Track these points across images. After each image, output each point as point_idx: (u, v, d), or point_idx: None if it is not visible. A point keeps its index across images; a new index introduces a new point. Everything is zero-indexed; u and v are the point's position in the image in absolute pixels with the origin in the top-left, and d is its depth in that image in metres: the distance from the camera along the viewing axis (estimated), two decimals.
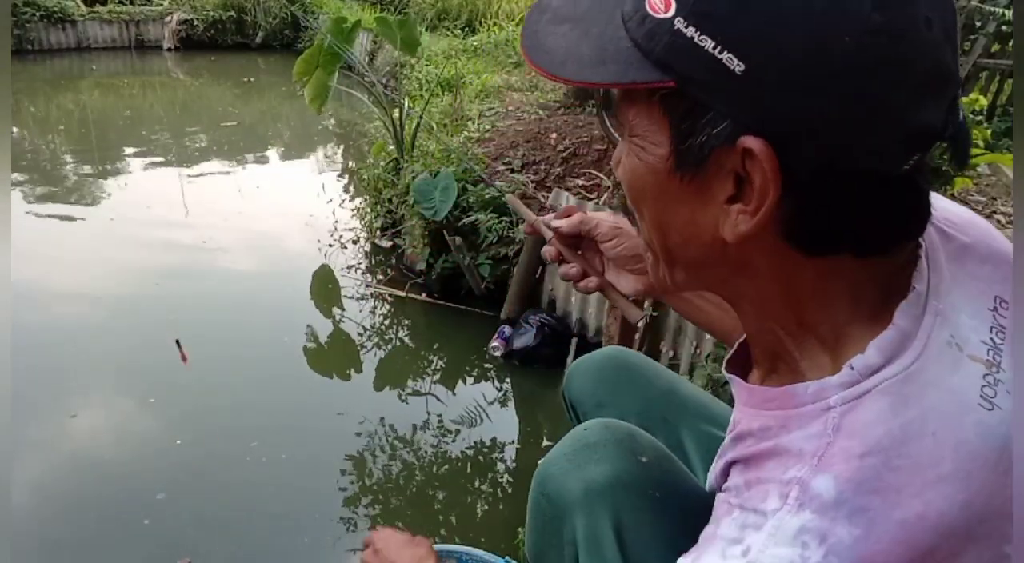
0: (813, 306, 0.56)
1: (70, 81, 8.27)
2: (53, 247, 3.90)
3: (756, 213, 0.51)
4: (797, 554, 0.48)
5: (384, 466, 2.33)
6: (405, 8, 8.26)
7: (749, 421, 0.60)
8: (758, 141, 0.49)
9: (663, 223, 0.58)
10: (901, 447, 0.49)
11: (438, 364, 3.03)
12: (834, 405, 0.52)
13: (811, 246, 0.53)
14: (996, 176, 3.11)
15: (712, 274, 0.59)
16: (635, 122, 0.56)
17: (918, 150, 0.50)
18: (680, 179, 0.54)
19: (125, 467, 2.27)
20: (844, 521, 0.48)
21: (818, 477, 0.50)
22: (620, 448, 0.82)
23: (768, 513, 0.51)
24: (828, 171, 0.49)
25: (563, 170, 3.46)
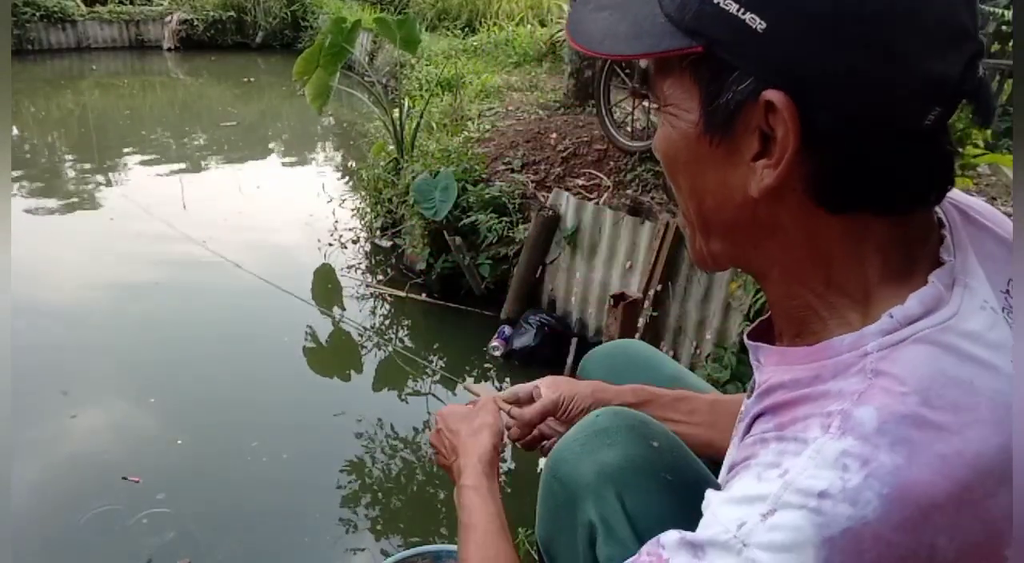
0: (842, 265, 0.57)
1: (70, 81, 8.27)
2: (53, 247, 3.90)
3: (778, 165, 0.54)
4: (837, 476, 0.49)
5: (384, 465, 2.33)
6: (405, 8, 8.26)
7: (779, 375, 0.60)
8: (778, 93, 0.52)
9: (697, 189, 0.61)
10: (940, 389, 0.50)
11: (438, 364, 3.04)
12: (871, 351, 0.54)
13: (835, 202, 0.55)
14: (996, 176, 3.11)
15: (745, 239, 0.61)
16: (669, 92, 0.60)
17: (937, 104, 0.52)
18: (710, 142, 0.58)
19: (125, 467, 2.27)
20: (886, 449, 0.49)
21: (860, 408, 0.51)
22: (632, 433, 0.82)
23: (809, 440, 0.52)
24: (849, 123, 0.52)
25: (563, 170, 3.46)
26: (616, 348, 1.20)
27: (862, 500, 0.48)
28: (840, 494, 0.48)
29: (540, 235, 3.06)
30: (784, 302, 0.63)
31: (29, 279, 3.39)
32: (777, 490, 0.51)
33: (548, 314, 3.04)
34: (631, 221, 2.80)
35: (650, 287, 2.66)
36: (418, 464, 2.34)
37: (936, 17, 0.50)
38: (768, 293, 0.65)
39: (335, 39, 3.60)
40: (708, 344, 2.56)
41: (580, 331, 3.03)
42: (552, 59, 5.92)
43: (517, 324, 3.04)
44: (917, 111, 0.52)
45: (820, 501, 0.48)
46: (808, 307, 0.60)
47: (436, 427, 1.06)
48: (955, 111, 0.53)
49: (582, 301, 3.04)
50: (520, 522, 1.99)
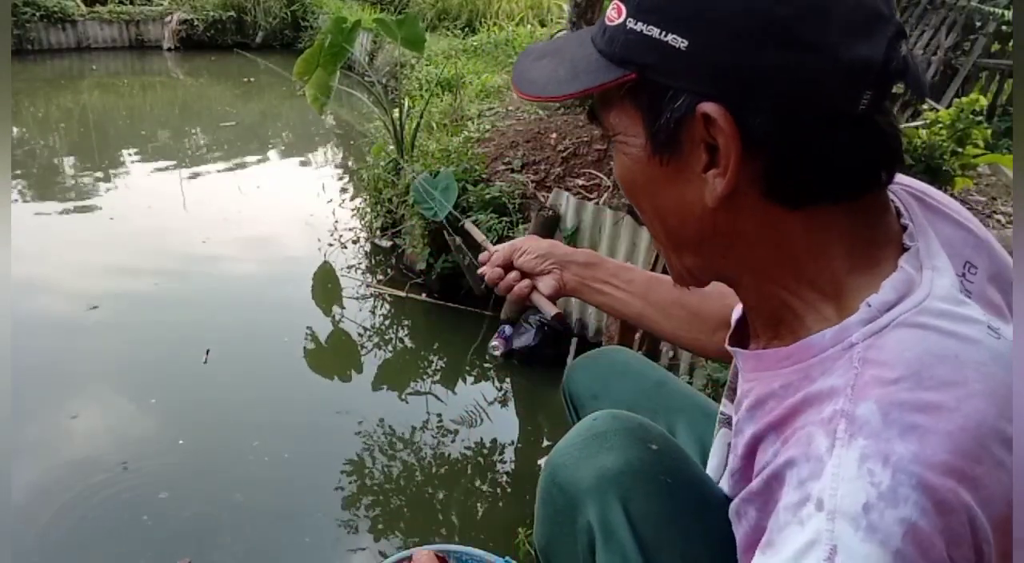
0: (808, 260, 0.59)
1: (70, 81, 8.27)
2: (53, 247, 3.90)
3: (726, 172, 0.56)
4: (867, 483, 0.49)
5: (384, 465, 2.33)
6: (405, 8, 8.26)
7: (766, 384, 0.61)
8: (712, 105, 0.55)
9: (659, 209, 0.64)
10: (929, 370, 0.51)
11: (438, 364, 3.03)
12: (856, 341, 0.55)
13: (790, 198, 0.57)
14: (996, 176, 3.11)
15: (713, 250, 0.63)
16: (615, 122, 0.63)
17: (866, 87, 0.54)
18: (660, 163, 0.60)
19: (128, 467, 2.27)
20: (898, 440, 0.49)
21: (860, 405, 0.51)
22: (630, 436, 0.82)
23: (823, 456, 0.51)
24: (784, 120, 0.54)
25: (563, 170, 3.46)
26: (600, 355, 1.20)
27: (901, 497, 0.48)
28: (881, 501, 0.48)
29: (540, 235, 3.06)
30: (759, 304, 0.65)
31: (29, 279, 3.39)
32: (825, 525, 0.50)
33: None
34: (631, 221, 2.80)
35: None
36: (418, 464, 2.35)
37: (849, 6, 0.53)
38: (743, 298, 0.67)
39: (335, 39, 3.60)
40: None
41: (580, 331, 3.04)
42: None
43: (517, 324, 3.04)
44: (848, 97, 0.54)
45: (868, 517, 0.48)
46: (783, 305, 0.62)
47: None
48: (890, 91, 0.55)
49: (582, 302, 3.04)
50: (520, 522, 1.99)
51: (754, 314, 0.68)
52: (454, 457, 2.39)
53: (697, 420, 1.07)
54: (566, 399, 1.20)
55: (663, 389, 1.11)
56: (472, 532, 2.07)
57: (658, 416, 1.09)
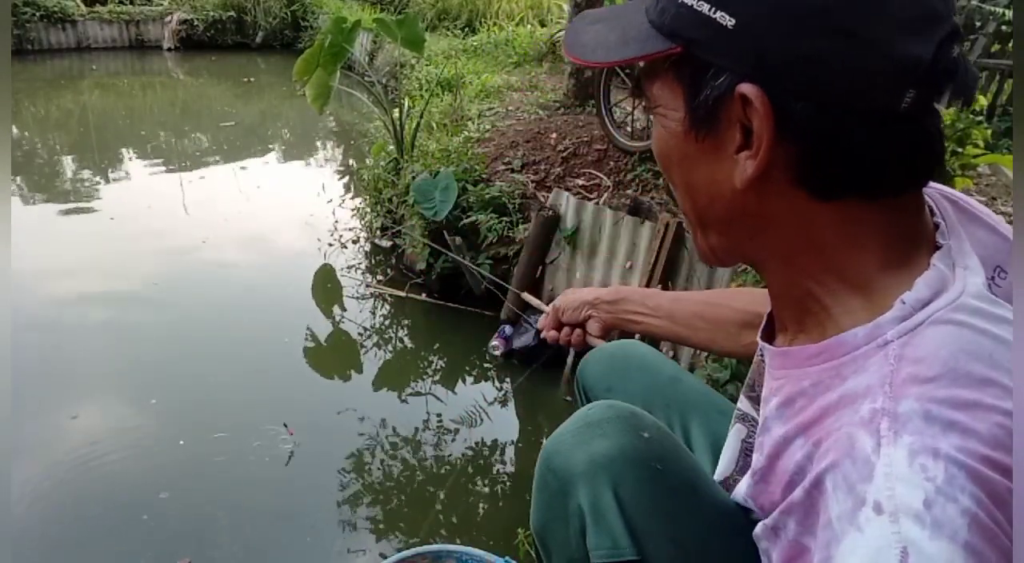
0: (838, 252, 0.58)
1: (70, 81, 8.27)
2: (53, 247, 3.90)
3: (757, 155, 0.56)
4: (922, 479, 0.48)
5: (385, 465, 2.33)
6: (405, 8, 8.26)
7: (796, 382, 0.60)
8: (751, 86, 0.54)
9: (690, 186, 0.64)
10: (964, 367, 0.51)
11: (438, 364, 3.04)
12: (891, 339, 0.54)
13: (821, 189, 0.57)
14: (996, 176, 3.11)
15: (740, 232, 0.63)
16: (657, 94, 0.63)
17: (911, 86, 0.52)
18: (696, 139, 0.60)
19: (128, 467, 2.27)
20: (941, 435, 0.49)
21: (901, 403, 0.51)
22: (623, 424, 0.83)
23: (870, 457, 0.50)
24: (824, 109, 0.54)
25: (563, 170, 3.46)
26: (617, 348, 1.21)
27: (958, 492, 0.48)
28: (940, 495, 0.48)
29: (540, 235, 3.06)
30: (785, 293, 0.64)
31: (29, 279, 3.39)
32: (889, 528, 0.48)
33: None
34: (631, 221, 2.80)
35: (650, 287, 2.66)
36: (418, 464, 2.35)
37: (903, 5, 0.52)
38: (770, 285, 0.66)
39: (335, 39, 3.60)
40: None
41: None
42: (552, 59, 5.92)
43: (517, 324, 3.04)
44: (891, 94, 0.53)
45: (932, 513, 0.47)
46: (809, 295, 0.61)
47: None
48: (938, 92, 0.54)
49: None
50: (520, 522, 1.99)
51: (780, 304, 0.67)
52: (454, 457, 2.39)
53: (711, 417, 1.07)
54: (579, 390, 1.20)
55: (678, 385, 1.11)
56: (472, 532, 2.07)
57: (672, 411, 1.09)
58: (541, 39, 6.33)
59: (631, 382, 1.12)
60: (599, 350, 1.21)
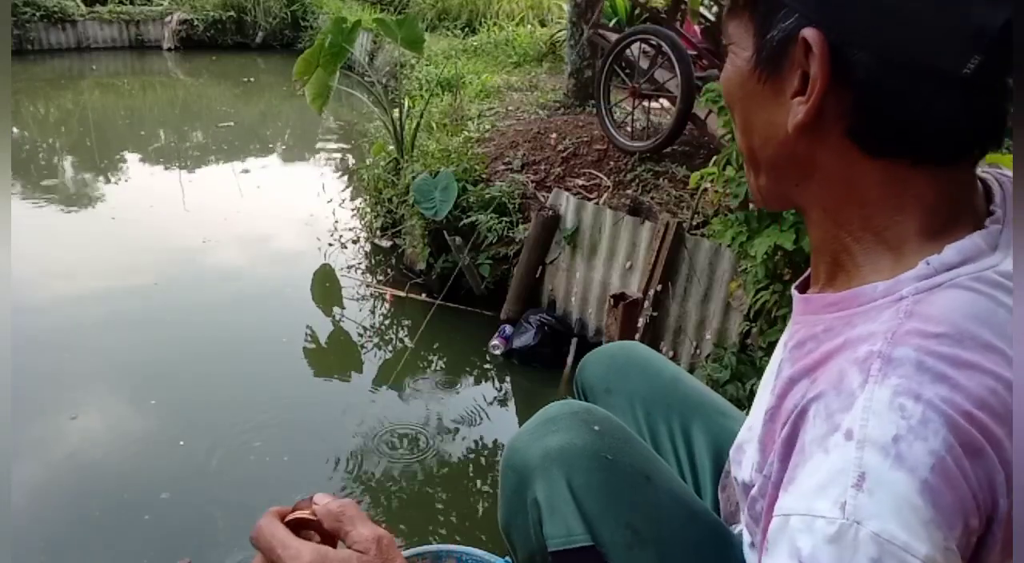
0: (879, 211, 0.59)
1: (70, 81, 8.27)
2: (54, 246, 3.90)
3: (809, 100, 0.56)
4: (899, 417, 0.50)
5: (385, 465, 2.33)
6: (405, 8, 8.25)
7: (810, 327, 0.62)
8: (813, 31, 0.54)
9: (748, 125, 0.65)
10: (972, 331, 0.52)
11: (438, 364, 3.04)
12: (907, 295, 0.55)
13: (873, 145, 0.57)
14: None
15: (787, 177, 0.64)
16: (733, 31, 0.64)
17: (976, 51, 0.52)
18: (759, 79, 0.61)
19: (129, 467, 2.27)
20: (929, 384, 0.50)
21: (897, 349, 0.52)
22: (575, 419, 0.88)
23: (854, 391, 0.52)
24: (885, 62, 0.53)
25: (563, 170, 3.46)
26: (618, 349, 1.21)
27: (930, 433, 0.49)
28: (911, 434, 0.49)
29: (540, 235, 3.07)
30: (823, 244, 0.65)
31: (30, 279, 3.39)
32: (852, 453, 0.50)
33: (548, 314, 3.04)
34: (631, 221, 2.80)
35: (650, 287, 2.66)
36: (418, 464, 2.35)
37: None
38: (811, 233, 0.67)
39: (335, 39, 3.60)
40: (708, 344, 2.57)
41: (580, 331, 3.04)
42: (552, 59, 5.92)
43: (517, 323, 3.04)
44: (956, 56, 0.52)
45: (898, 447, 0.49)
46: (844, 249, 0.62)
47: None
48: (1004, 64, 0.53)
49: (582, 301, 3.04)
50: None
51: (817, 255, 0.68)
52: (454, 457, 2.39)
53: (712, 418, 1.07)
54: (578, 391, 1.20)
55: (678, 386, 1.11)
56: (472, 532, 2.07)
57: (672, 413, 1.08)
58: (541, 39, 6.33)
59: (631, 383, 1.12)
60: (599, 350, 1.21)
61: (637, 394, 1.11)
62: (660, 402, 1.10)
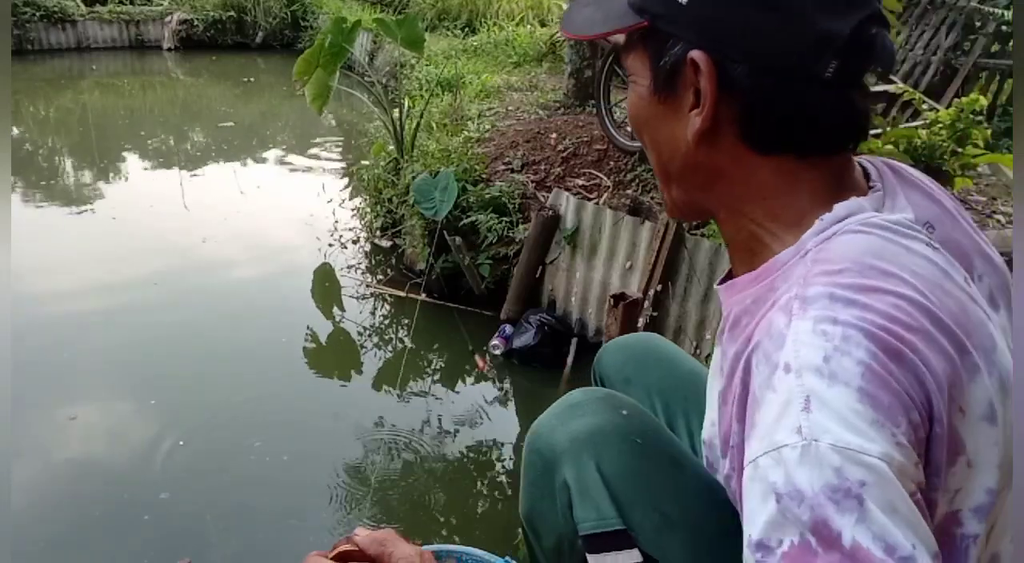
0: (776, 199, 0.68)
1: (70, 81, 8.27)
2: (55, 246, 3.90)
3: (703, 111, 0.66)
4: (823, 340, 0.57)
5: (385, 465, 2.33)
6: (405, 8, 8.25)
7: (740, 304, 0.70)
8: (699, 53, 0.65)
9: (655, 142, 0.74)
10: (870, 262, 0.60)
11: (438, 364, 3.04)
12: (810, 248, 0.64)
13: (761, 143, 0.66)
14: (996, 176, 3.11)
15: (695, 184, 0.73)
16: (631, 64, 0.74)
17: (832, 56, 0.62)
18: (659, 101, 0.71)
19: (128, 467, 2.27)
20: (842, 307, 0.58)
21: (810, 288, 0.60)
22: (602, 403, 0.89)
23: (783, 330, 0.59)
24: (759, 73, 0.64)
25: (563, 170, 3.46)
26: (636, 340, 1.22)
27: (852, 346, 0.56)
28: (836, 352, 0.56)
29: (540, 235, 3.06)
30: (735, 237, 0.74)
31: (30, 279, 3.39)
32: (794, 382, 0.56)
33: (548, 314, 3.04)
34: (631, 221, 2.80)
35: (650, 287, 2.66)
36: (418, 464, 2.35)
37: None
38: (723, 232, 0.76)
39: (335, 39, 3.60)
40: (708, 344, 2.57)
41: (580, 331, 3.04)
42: (552, 59, 5.92)
43: (518, 324, 3.04)
44: (815, 61, 0.62)
45: (829, 366, 0.55)
46: (753, 237, 0.71)
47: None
48: (858, 66, 0.64)
49: (582, 301, 3.04)
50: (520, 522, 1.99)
51: (732, 248, 0.75)
52: (454, 457, 2.39)
53: None
54: (596, 380, 1.21)
55: (696, 379, 1.10)
56: (472, 532, 2.07)
57: (690, 405, 1.09)
58: (541, 39, 6.32)
59: (650, 374, 1.13)
60: (618, 340, 1.23)
61: (655, 386, 1.12)
62: (678, 394, 1.10)
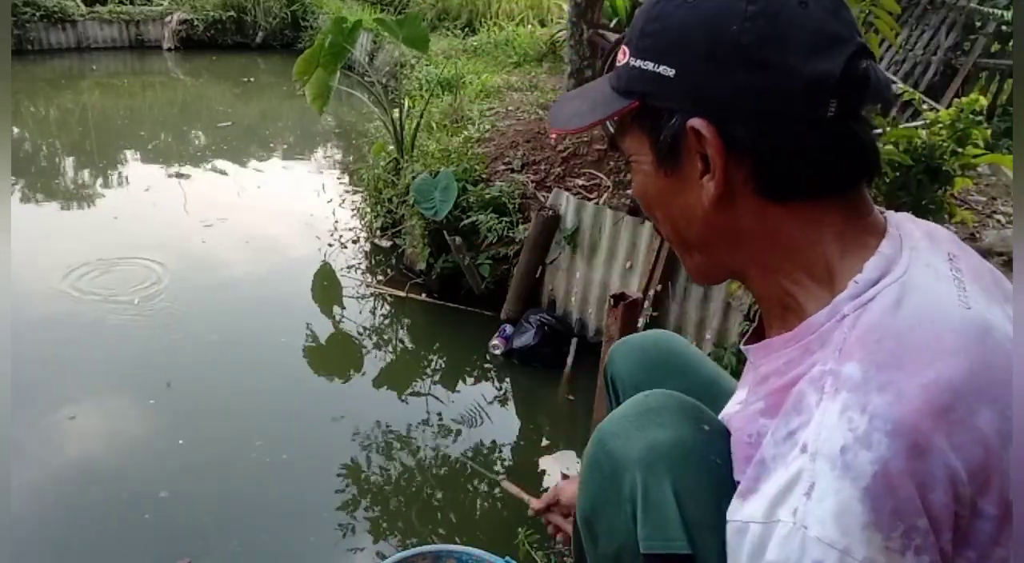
0: (804, 249, 0.68)
1: (70, 81, 8.27)
2: (55, 246, 3.90)
3: (715, 175, 0.66)
4: (846, 428, 0.56)
5: (384, 465, 2.33)
6: (405, 8, 8.25)
7: (772, 363, 0.69)
8: (699, 120, 0.65)
9: (669, 215, 0.74)
10: (908, 332, 0.60)
11: (438, 364, 3.04)
12: (848, 312, 0.63)
13: (779, 193, 0.67)
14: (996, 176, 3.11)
15: (719, 247, 0.73)
16: (629, 145, 0.74)
17: (830, 96, 0.63)
18: (666, 174, 0.71)
19: (127, 467, 2.27)
20: (875, 393, 0.57)
21: (845, 365, 0.59)
22: (684, 415, 0.83)
23: (812, 409, 0.59)
24: (761, 126, 0.64)
25: (563, 170, 3.46)
26: (651, 342, 1.14)
27: (874, 442, 0.55)
28: (856, 444, 0.55)
29: (540, 235, 3.06)
30: (766, 293, 0.73)
31: (30, 278, 3.39)
32: (806, 464, 0.57)
33: (548, 314, 3.04)
34: (631, 221, 2.80)
35: (650, 287, 2.66)
36: (418, 464, 2.35)
37: (807, 31, 0.63)
38: (753, 291, 0.75)
39: (335, 39, 3.60)
40: (708, 344, 2.56)
41: (580, 331, 3.03)
42: (552, 59, 5.92)
43: (518, 323, 3.04)
44: (814, 104, 0.63)
45: (844, 457, 0.55)
46: (786, 293, 0.70)
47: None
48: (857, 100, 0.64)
49: (582, 301, 3.04)
50: (520, 522, 1.99)
51: (764, 305, 0.75)
52: (454, 457, 2.39)
53: None
54: (607, 382, 1.16)
55: (715, 387, 1.05)
56: (472, 532, 2.07)
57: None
58: (541, 39, 6.32)
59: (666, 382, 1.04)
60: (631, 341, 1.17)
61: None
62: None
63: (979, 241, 2.49)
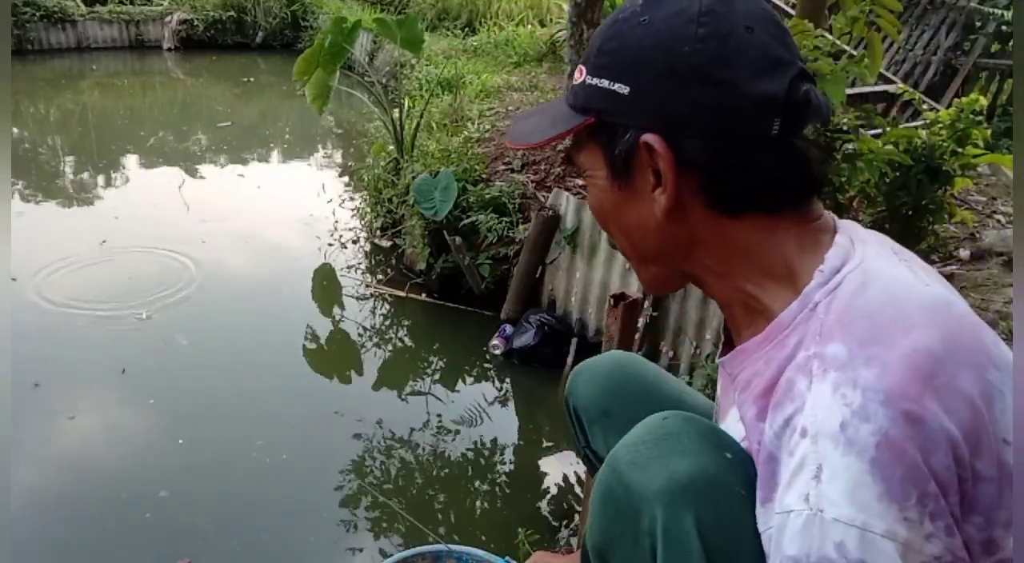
0: (762, 253, 0.70)
1: (70, 81, 8.27)
2: (56, 246, 3.90)
3: (667, 188, 0.69)
4: (842, 403, 0.58)
5: (384, 465, 2.33)
6: (405, 8, 8.25)
7: (751, 367, 0.70)
8: (651, 136, 0.68)
9: (624, 228, 0.78)
10: (878, 310, 0.63)
11: (438, 364, 3.04)
12: (820, 300, 0.66)
13: (729, 207, 0.69)
14: (996, 176, 3.11)
15: (674, 256, 0.75)
16: (584, 161, 0.77)
17: (775, 116, 0.66)
18: (619, 188, 0.74)
19: (127, 467, 2.27)
20: (862, 367, 0.59)
21: (828, 346, 0.62)
22: (705, 441, 0.76)
23: (804, 393, 0.61)
24: (710, 142, 0.67)
25: (563, 170, 3.46)
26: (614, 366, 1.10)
27: (871, 413, 0.57)
28: (855, 418, 0.57)
29: (540, 235, 3.06)
30: (729, 300, 0.75)
31: (31, 278, 3.39)
32: (810, 448, 0.58)
33: (548, 314, 3.04)
34: None
35: None
36: (418, 464, 2.35)
37: (754, 54, 0.67)
38: (715, 296, 0.77)
39: (335, 39, 3.60)
40: (708, 344, 2.56)
41: (580, 331, 3.03)
42: (552, 59, 5.92)
43: (518, 323, 3.04)
44: (759, 123, 0.67)
45: (845, 433, 0.57)
46: (749, 296, 0.72)
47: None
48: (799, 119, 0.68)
49: (582, 301, 3.04)
50: (520, 522, 1.99)
51: (728, 313, 0.76)
52: (454, 457, 2.39)
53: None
54: (569, 413, 1.12)
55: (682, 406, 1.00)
56: (472, 532, 2.07)
57: None
58: (541, 39, 6.32)
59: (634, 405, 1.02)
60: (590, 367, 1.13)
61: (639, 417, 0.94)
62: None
63: (979, 241, 2.49)
